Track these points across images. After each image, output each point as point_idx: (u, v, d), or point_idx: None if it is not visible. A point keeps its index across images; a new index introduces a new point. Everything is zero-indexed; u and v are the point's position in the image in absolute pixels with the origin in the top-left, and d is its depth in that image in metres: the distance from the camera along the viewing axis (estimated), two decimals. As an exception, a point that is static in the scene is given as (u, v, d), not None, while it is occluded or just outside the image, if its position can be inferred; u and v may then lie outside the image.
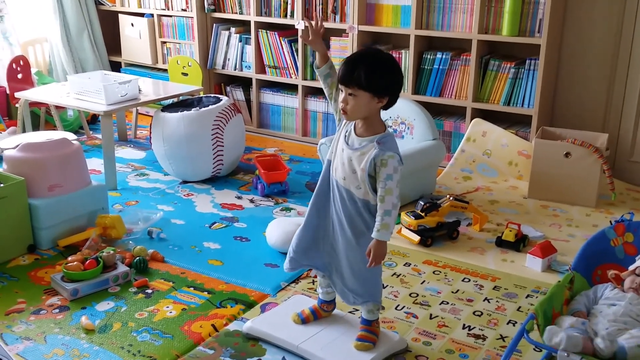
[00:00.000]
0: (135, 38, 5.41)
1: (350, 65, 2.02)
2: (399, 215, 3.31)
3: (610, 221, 3.24)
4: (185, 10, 5.12)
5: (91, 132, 4.98)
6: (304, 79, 4.73)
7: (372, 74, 1.99)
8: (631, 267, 2.16)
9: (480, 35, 4.03)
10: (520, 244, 3.10)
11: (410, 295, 2.72)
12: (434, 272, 2.91)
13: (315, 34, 2.23)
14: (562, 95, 4.20)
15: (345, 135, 2.13)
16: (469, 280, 2.84)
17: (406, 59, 4.31)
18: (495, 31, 4.04)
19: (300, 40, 4.65)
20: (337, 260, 2.26)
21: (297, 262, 2.34)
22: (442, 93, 4.28)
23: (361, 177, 2.07)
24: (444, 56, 4.21)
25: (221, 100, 4.01)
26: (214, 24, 5.07)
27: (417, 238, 3.12)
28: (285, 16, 4.73)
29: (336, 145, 2.16)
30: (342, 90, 2.05)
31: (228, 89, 5.16)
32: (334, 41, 4.56)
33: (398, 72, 2.06)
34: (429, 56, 4.26)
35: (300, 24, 4.60)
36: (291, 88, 4.90)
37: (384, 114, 3.50)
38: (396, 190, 2.03)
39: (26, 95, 4.20)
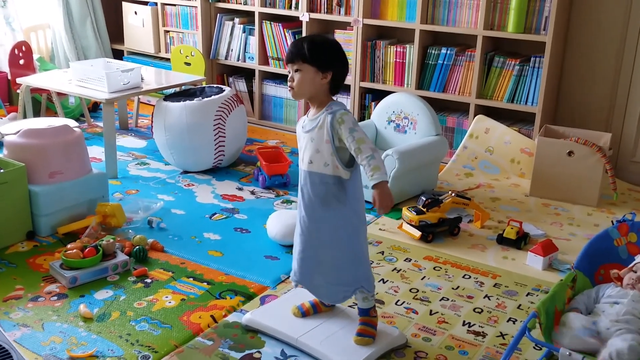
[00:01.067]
0: (138, 26, 5.38)
1: (294, 44, 2.11)
2: (400, 210, 3.31)
3: (612, 221, 3.23)
4: (189, -1, 5.10)
5: (92, 119, 4.97)
6: (307, 71, 4.70)
7: (315, 46, 2.07)
8: (630, 265, 2.16)
9: (485, 31, 4.01)
10: (521, 241, 3.09)
11: (410, 290, 2.71)
12: (434, 268, 2.90)
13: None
14: (566, 94, 4.19)
15: (302, 126, 2.17)
16: (470, 277, 2.83)
17: (410, 54, 4.29)
18: (500, 27, 4.02)
19: (304, 34, 4.62)
20: (316, 258, 2.21)
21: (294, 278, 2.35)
22: (445, 89, 4.26)
23: (327, 152, 2.07)
24: (448, 51, 4.19)
25: (224, 90, 3.99)
26: (218, 14, 5.05)
27: (418, 233, 3.11)
28: (290, 8, 4.71)
29: (300, 144, 2.18)
30: (289, 72, 2.11)
31: (230, 79, 5.14)
32: (339, 34, 4.54)
33: (340, 49, 2.13)
34: (433, 51, 4.24)
35: (304, 16, 4.58)
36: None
37: (387, 108, 3.48)
38: (366, 137, 2.05)
39: (28, 81, 4.18)
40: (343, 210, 2.14)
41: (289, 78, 2.12)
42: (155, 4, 5.29)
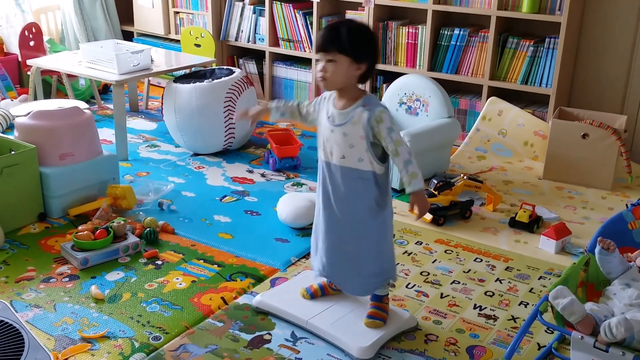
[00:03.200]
0: (148, 7, 5.35)
1: (330, 30, 2.02)
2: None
3: (627, 204, 3.20)
4: (199, -20, 5.06)
5: (102, 101, 4.96)
6: (318, 53, 4.66)
7: (353, 36, 1.99)
8: (643, 247, 2.13)
9: (499, 11, 3.95)
10: (534, 225, 3.06)
11: (421, 273, 2.70)
12: (445, 251, 2.88)
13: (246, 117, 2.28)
14: (581, 75, 4.12)
15: (328, 117, 2.08)
16: (481, 260, 2.82)
17: (423, 35, 4.24)
18: (514, 8, 3.95)
19: (315, 14, 4.57)
20: (346, 252, 2.18)
21: (315, 258, 2.32)
22: (458, 70, 4.21)
23: (362, 147, 2.03)
24: (461, 32, 4.13)
25: (234, 72, 3.96)
26: (228, -5, 5.01)
27: (429, 217, 3.08)
28: (301, -12, 4.66)
29: (322, 133, 2.12)
30: (319, 60, 2.03)
31: (241, 61, 5.11)
32: (350, 14, 4.49)
33: (375, 38, 2.08)
34: (446, 32, 4.18)
35: (315, -3, 4.53)
36: (305, 62, 4.84)
37: (398, 90, 3.44)
38: (403, 139, 2.03)
39: (38, 63, 4.17)
40: (375, 204, 2.11)
41: (320, 68, 2.02)
42: (165, -15, 5.25)
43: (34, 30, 4.69)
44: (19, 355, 1.96)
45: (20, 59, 4.70)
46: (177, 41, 5.21)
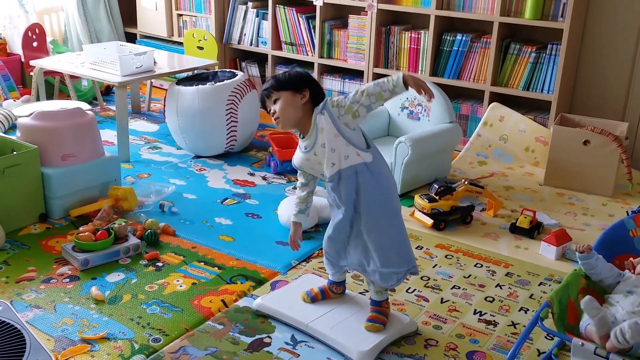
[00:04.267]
0: (151, 10, 5.36)
1: (264, 86, 2.17)
2: (413, 198, 3.29)
3: (627, 211, 3.20)
4: (202, -17, 5.07)
5: (105, 103, 4.97)
6: (321, 56, 4.67)
7: (282, 76, 2.15)
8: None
9: (502, 17, 3.96)
10: (534, 231, 3.06)
11: (421, 278, 2.70)
12: (446, 256, 2.88)
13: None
14: (582, 82, 4.13)
15: (304, 151, 2.15)
16: (482, 265, 2.82)
17: (425, 40, 4.25)
18: (517, 14, 3.96)
19: (318, 18, 4.59)
20: (365, 246, 2.18)
21: (337, 266, 2.33)
22: (460, 75, 4.22)
23: (342, 144, 2.07)
24: (463, 38, 4.14)
25: (236, 75, 3.97)
26: (231, -2, 5.02)
27: (430, 221, 3.09)
28: (304, -8, 4.67)
29: (307, 166, 2.19)
30: (268, 110, 2.15)
31: (243, 64, 5.11)
32: (352, 19, 4.50)
33: (301, 70, 2.24)
34: (448, 37, 4.19)
35: (318, 1, 4.54)
36: (307, 65, 4.84)
37: (400, 95, 3.44)
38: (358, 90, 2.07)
39: (41, 63, 4.18)
40: (379, 194, 2.13)
41: (271, 113, 2.14)
42: (169, -13, 5.27)
43: (37, 31, 4.70)
44: (20, 356, 1.96)
45: (23, 60, 4.71)
46: (180, 43, 5.22)
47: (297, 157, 2.21)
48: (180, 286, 2.57)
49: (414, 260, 2.23)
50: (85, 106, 3.80)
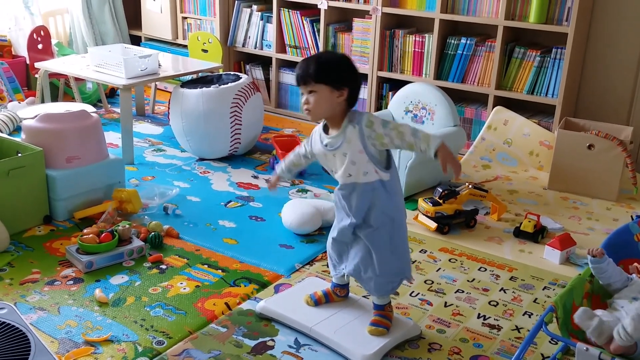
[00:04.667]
0: (156, 12, 5.38)
1: (304, 64, 2.06)
2: (416, 201, 3.28)
3: (632, 216, 3.20)
4: (207, -14, 5.08)
5: (109, 105, 4.98)
6: (325, 60, 4.67)
7: (325, 64, 2.04)
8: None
9: (506, 21, 3.96)
10: (538, 235, 3.05)
11: (425, 282, 2.69)
12: (450, 260, 2.88)
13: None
14: (587, 86, 4.12)
15: (323, 144, 2.12)
16: (485, 269, 2.81)
17: (430, 44, 4.25)
18: (522, 18, 3.96)
19: (322, 22, 4.59)
20: (367, 255, 2.18)
21: (339, 268, 2.32)
22: (464, 79, 4.22)
23: (364, 161, 2.05)
24: (468, 42, 4.14)
25: (241, 78, 3.97)
26: (236, 1, 5.02)
27: (434, 225, 3.08)
28: (308, -5, 4.68)
29: (321, 158, 2.17)
30: (302, 94, 2.07)
31: (247, 67, 5.12)
32: (357, 22, 4.50)
33: (351, 64, 2.08)
34: (452, 41, 4.19)
35: (323, 4, 4.54)
36: (311, 69, 4.84)
37: (405, 98, 3.45)
38: (398, 123, 2.05)
39: (46, 65, 4.19)
40: (386, 209, 2.12)
41: (303, 101, 2.07)
42: (174, -10, 5.28)
43: (42, 33, 4.72)
44: (25, 358, 1.96)
45: (28, 62, 4.72)
46: (185, 46, 5.23)
47: (315, 146, 2.16)
48: (184, 289, 2.57)
49: (410, 269, 2.25)
50: (89, 108, 3.82)
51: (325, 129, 2.14)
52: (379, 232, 2.14)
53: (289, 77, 4.92)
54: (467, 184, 3.26)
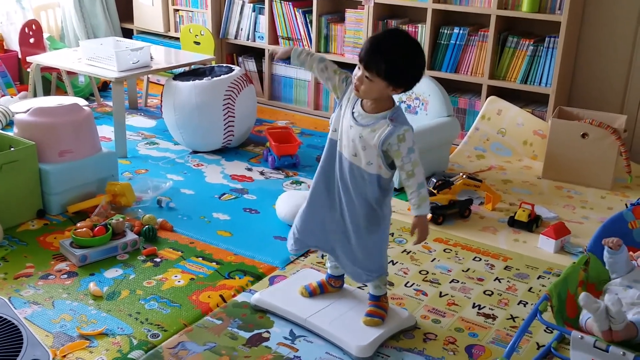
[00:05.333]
0: (147, 5, 5.34)
1: (375, 49, 1.93)
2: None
3: (626, 204, 3.20)
4: (199, -23, 5.05)
5: (102, 99, 4.95)
6: (318, 51, 4.66)
7: (395, 65, 1.93)
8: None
9: (499, 10, 3.95)
10: (533, 224, 3.06)
11: (420, 272, 2.70)
12: (444, 250, 2.88)
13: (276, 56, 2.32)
14: (580, 75, 4.12)
15: (353, 112, 2.07)
16: (480, 259, 2.81)
17: (422, 34, 4.24)
18: (514, 7, 3.95)
19: (314, 12, 4.57)
20: (345, 239, 2.20)
21: (303, 243, 2.32)
22: (458, 69, 4.21)
23: (374, 153, 2.03)
24: (461, 31, 4.13)
25: (233, 70, 3.96)
26: (228, -7, 5.00)
27: (428, 215, 3.08)
28: (301, -14, 4.65)
29: (341, 122, 2.10)
30: (359, 67, 1.98)
31: (240, 59, 5.10)
32: (349, 13, 4.48)
33: (421, 66, 2.00)
34: (445, 31, 4.18)
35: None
36: (304, 60, 4.82)
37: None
38: (419, 161, 2.02)
39: (38, 59, 4.16)
40: (376, 204, 2.13)
41: (357, 76, 1.97)
42: (165, -18, 5.24)
43: (34, 27, 4.68)
44: (17, 351, 1.95)
45: (20, 56, 4.69)
46: (177, 39, 5.20)
47: (344, 100, 2.09)
48: (179, 282, 2.57)
49: (386, 267, 2.26)
50: (82, 102, 3.79)
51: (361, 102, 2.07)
52: (366, 224, 2.14)
53: (282, 69, 4.91)
54: (461, 174, 3.26)
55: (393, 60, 1.93)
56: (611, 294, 1.87)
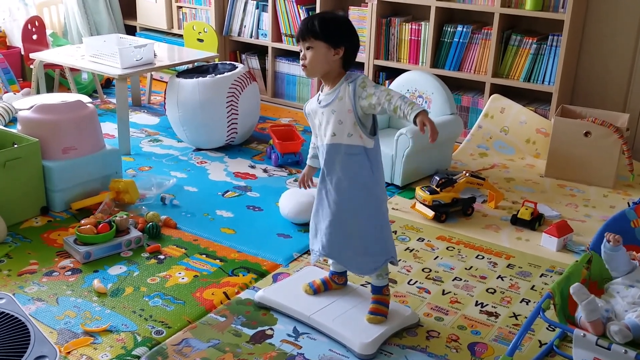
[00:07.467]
0: (151, 2, 5.35)
1: (304, 21, 2.11)
2: (414, 190, 3.29)
3: (629, 202, 3.20)
4: (202, -26, 5.05)
5: (105, 96, 4.96)
6: (321, 48, 4.66)
7: (324, 23, 2.08)
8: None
9: (502, 8, 3.94)
10: (535, 222, 3.06)
11: (423, 270, 2.70)
12: (447, 248, 2.88)
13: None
14: (583, 73, 4.12)
15: (318, 102, 2.16)
16: (483, 257, 2.82)
17: (426, 31, 4.24)
18: (518, 5, 3.95)
19: (318, 10, 4.57)
20: (344, 231, 2.19)
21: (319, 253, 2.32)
22: (461, 67, 4.21)
23: (350, 122, 2.07)
24: (464, 29, 4.13)
25: (237, 67, 3.96)
26: (231, -10, 5.00)
27: (431, 213, 3.09)
28: (304, -16, 4.65)
29: (315, 121, 2.19)
30: (301, 50, 2.11)
31: (243, 56, 5.10)
32: (353, 10, 4.49)
33: (350, 24, 2.13)
34: (449, 29, 4.18)
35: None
36: (307, 58, 4.82)
37: (401, 87, 3.44)
38: (390, 89, 2.07)
39: (41, 56, 4.17)
40: (368, 181, 2.14)
41: (301, 56, 2.12)
42: (168, -21, 5.25)
43: (37, 23, 4.69)
44: (24, 348, 1.96)
45: (23, 53, 4.70)
46: (180, 36, 5.20)
47: (310, 107, 2.20)
48: (182, 279, 2.58)
49: (394, 250, 2.25)
50: (85, 99, 3.80)
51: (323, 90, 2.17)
52: (359, 204, 2.15)
53: (285, 66, 4.91)
54: (464, 172, 3.27)
55: (322, 18, 2.09)
56: (617, 325, 1.85)
